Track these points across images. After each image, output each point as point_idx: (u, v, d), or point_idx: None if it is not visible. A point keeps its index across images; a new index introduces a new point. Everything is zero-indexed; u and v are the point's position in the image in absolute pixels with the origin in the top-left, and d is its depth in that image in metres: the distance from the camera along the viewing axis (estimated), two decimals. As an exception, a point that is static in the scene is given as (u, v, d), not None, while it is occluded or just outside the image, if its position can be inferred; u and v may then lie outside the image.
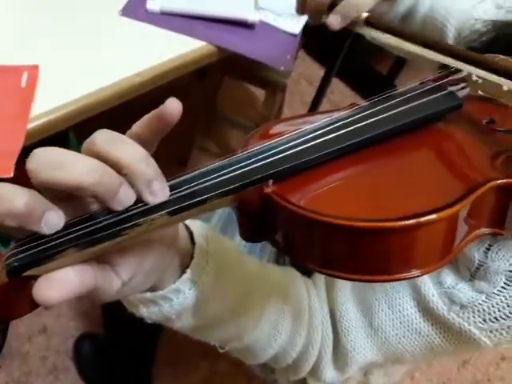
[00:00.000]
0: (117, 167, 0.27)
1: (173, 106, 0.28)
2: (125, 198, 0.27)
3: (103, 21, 0.82)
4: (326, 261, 0.30)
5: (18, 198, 0.25)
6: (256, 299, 0.49)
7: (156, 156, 0.29)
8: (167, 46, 0.81)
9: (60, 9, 0.82)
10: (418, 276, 0.29)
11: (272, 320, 0.51)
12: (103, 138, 0.27)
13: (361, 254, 0.28)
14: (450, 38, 0.60)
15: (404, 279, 0.29)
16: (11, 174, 0.59)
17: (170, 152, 1.60)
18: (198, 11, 0.85)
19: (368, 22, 0.53)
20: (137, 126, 0.30)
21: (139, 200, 0.28)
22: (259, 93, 1.81)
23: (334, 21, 0.55)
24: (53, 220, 0.26)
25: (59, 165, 0.26)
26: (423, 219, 0.27)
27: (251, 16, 0.87)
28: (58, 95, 0.69)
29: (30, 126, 0.65)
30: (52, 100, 0.68)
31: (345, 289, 0.54)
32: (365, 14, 0.53)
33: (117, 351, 1.17)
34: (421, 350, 0.49)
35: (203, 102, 1.57)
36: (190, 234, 0.42)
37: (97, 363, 1.23)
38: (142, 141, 0.29)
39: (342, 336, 0.53)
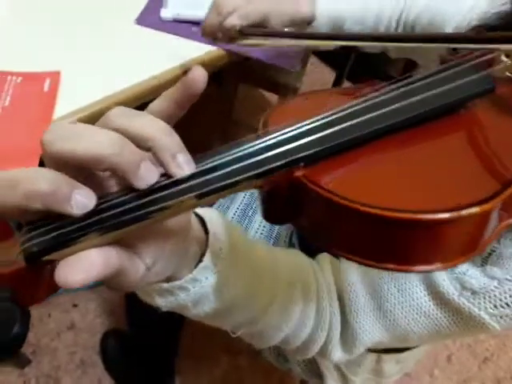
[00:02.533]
0: (140, 141, 0.26)
1: (198, 72, 0.28)
2: (147, 174, 0.26)
3: (120, 30, 0.87)
4: (352, 248, 0.29)
5: (43, 177, 0.24)
6: (267, 284, 0.49)
7: None
8: (181, 51, 0.86)
9: (79, 20, 0.88)
10: (442, 269, 0.29)
11: (283, 304, 0.51)
12: (120, 112, 0.26)
13: (390, 243, 0.27)
14: None
15: (427, 272, 0.30)
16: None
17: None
18: (208, 18, 0.90)
19: (243, 33, 0.54)
20: (159, 100, 0.29)
21: (164, 184, 0.27)
22: (274, 98, 1.85)
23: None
24: (82, 199, 0.25)
25: (77, 135, 0.25)
26: (464, 212, 0.25)
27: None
28: (79, 99, 0.73)
29: (54, 126, 0.71)
30: (73, 103, 0.73)
31: (352, 271, 0.55)
32: (237, 27, 0.55)
33: (141, 346, 1.21)
34: (428, 331, 0.50)
35: (220, 108, 1.62)
36: (202, 222, 0.42)
37: (122, 358, 1.27)
38: (164, 115, 0.29)
39: (351, 318, 0.53)
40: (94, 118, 0.75)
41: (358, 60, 1.54)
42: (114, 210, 0.26)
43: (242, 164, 0.28)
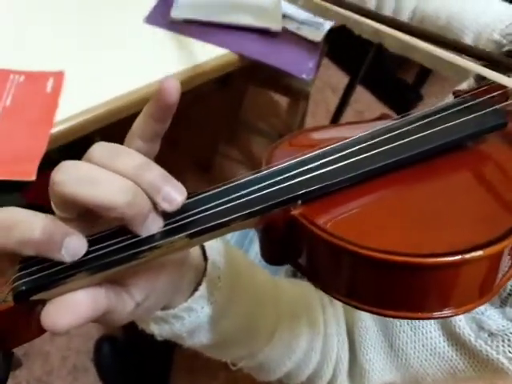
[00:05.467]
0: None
1: (170, 83, 0.27)
2: (152, 224, 0.26)
3: (128, 29, 0.84)
4: (353, 292, 0.27)
5: (35, 224, 0.24)
6: (269, 317, 0.48)
7: (179, 162, 0.28)
8: (190, 53, 0.82)
9: (85, 17, 0.84)
10: (452, 316, 0.27)
11: (285, 337, 0.49)
12: (99, 153, 0.26)
13: (392, 289, 0.26)
14: None
15: (436, 318, 0.27)
16: (34, 178, 0.61)
17: (194, 159, 1.62)
18: (221, 20, 0.86)
19: None
20: (138, 120, 0.28)
21: None
22: (283, 101, 1.82)
23: None
24: (74, 246, 0.25)
25: (90, 181, 0.24)
26: (468, 256, 0.24)
27: (274, 25, 0.87)
28: (82, 101, 0.70)
29: (54, 130, 0.67)
30: (76, 106, 0.70)
31: None
32: None
33: (135, 355, 1.19)
34: (443, 374, 0.47)
35: (227, 109, 1.58)
36: (202, 247, 0.41)
37: (115, 366, 1.25)
38: (146, 133, 0.28)
39: (360, 355, 0.51)
40: (98, 121, 0.72)
41: (372, 65, 1.50)
42: (104, 250, 0.26)
43: (235, 203, 0.27)
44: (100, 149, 0.26)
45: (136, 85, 0.74)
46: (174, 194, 0.26)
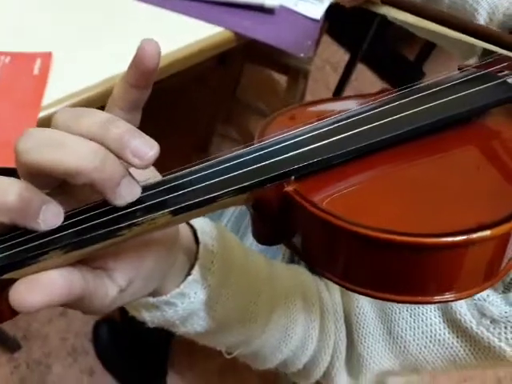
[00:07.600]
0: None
1: (149, 46, 0.24)
2: (126, 191, 0.24)
3: (118, 6, 0.80)
4: (349, 274, 0.26)
5: (11, 189, 0.22)
6: (263, 302, 0.47)
7: (176, 142, 0.26)
8: (184, 31, 0.79)
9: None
10: (454, 300, 0.26)
11: (281, 323, 0.49)
12: (63, 117, 0.24)
13: (390, 271, 0.24)
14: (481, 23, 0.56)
15: (437, 303, 0.26)
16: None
17: (190, 138, 1.59)
18: (216, -4, 0.83)
19: (385, 0, 0.45)
20: (116, 87, 0.26)
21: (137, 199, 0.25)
22: (282, 79, 1.78)
23: None
24: (51, 215, 0.23)
25: (53, 145, 0.22)
26: (475, 236, 0.22)
27: (269, 0, 0.84)
28: (71, 83, 0.68)
29: (42, 114, 0.65)
30: (65, 87, 0.67)
31: None
32: None
33: (134, 336, 1.19)
34: (442, 361, 0.46)
35: (224, 88, 1.55)
36: (193, 231, 0.40)
37: (114, 347, 1.25)
38: (126, 101, 0.26)
39: (358, 342, 0.50)
40: (87, 105, 0.69)
41: (373, 42, 1.47)
42: (79, 226, 0.24)
43: (223, 177, 0.26)
44: (64, 113, 0.24)
45: (127, 66, 0.72)
46: (144, 147, 0.23)
